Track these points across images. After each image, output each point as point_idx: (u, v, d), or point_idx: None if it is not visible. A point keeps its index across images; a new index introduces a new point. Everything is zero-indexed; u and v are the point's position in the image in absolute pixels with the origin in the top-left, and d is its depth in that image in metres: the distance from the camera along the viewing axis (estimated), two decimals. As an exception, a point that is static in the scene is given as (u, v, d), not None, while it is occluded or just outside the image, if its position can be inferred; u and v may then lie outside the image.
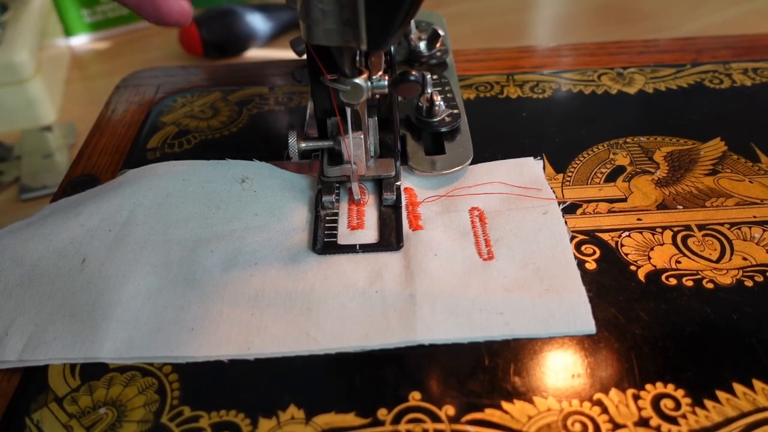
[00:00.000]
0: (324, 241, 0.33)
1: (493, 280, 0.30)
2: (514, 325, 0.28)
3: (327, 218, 0.34)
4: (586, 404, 0.26)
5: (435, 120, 0.38)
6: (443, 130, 0.38)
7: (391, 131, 0.36)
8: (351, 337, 0.28)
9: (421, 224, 0.33)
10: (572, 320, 0.28)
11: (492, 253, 0.32)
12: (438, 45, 0.45)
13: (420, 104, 0.38)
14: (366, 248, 0.32)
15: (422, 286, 0.30)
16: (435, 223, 0.34)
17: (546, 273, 0.30)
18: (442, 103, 0.38)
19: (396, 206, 0.34)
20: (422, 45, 0.45)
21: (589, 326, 0.28)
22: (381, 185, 0.35)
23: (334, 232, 0.33)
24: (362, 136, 0.33)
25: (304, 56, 0.32)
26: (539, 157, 0.37)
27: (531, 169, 0.37)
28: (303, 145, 0.34)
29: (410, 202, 0.35)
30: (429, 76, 0.38)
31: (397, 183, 0.35)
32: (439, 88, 0.41)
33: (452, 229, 0.33)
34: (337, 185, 0.35)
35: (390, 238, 0.33)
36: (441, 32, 0.44)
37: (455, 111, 0.39)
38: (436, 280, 0.30)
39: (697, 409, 0.25)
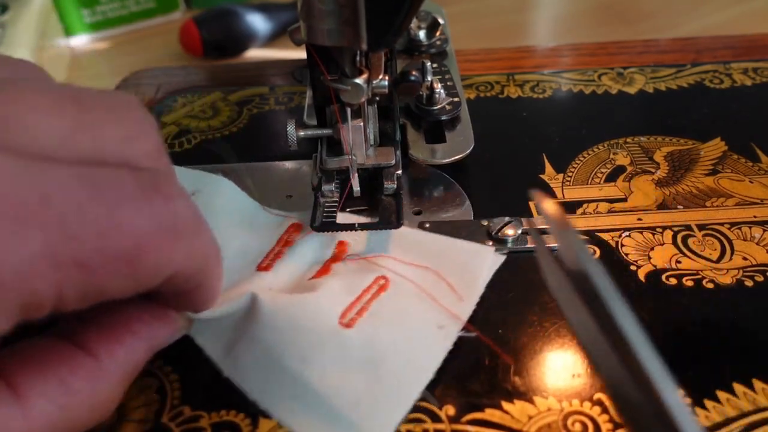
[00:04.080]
0: (323, 220, 0.32)
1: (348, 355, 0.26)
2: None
3: (326, 204, 0.34)
4: (587, 404, 0.26)
5: (435, 108, 0.38)
6: (443, 118, 0.38)
7: (391, 120, 0.35)
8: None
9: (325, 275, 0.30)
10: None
11: (353, 323, 0.27)
12: (438, 34, 0.44)
13: (420, 92, 0.38)
14: (365, 227, 0.31)
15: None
16: (341, 274, 0.30)
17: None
18: (442, 91, 0.38)
19: (396, 194, 0.33)
20: (422, 34, 0.44)
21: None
22: (380, 177, 0.35)
23: (333, 213, 0.33)
24: (361, 124, 0.33)
25: (303, 44, 0.31)
26: (504, 251, 0.32)
27: (483, 261, 0.30)
28: (302, 133, 0.34)
29: (336, 255, 0.31)
30: (429, 64, 0.37)
31: (398, 172, 0.34)
32: (439, 77, 0.41)
33: (347, 280, 0.29)
34: (337, 174, 0.35)
35: (390, 217, 0.32)
36: (441, 21, 0.44)
37: (455, 99, 0.39)
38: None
39: (697, 409, 0.25)
